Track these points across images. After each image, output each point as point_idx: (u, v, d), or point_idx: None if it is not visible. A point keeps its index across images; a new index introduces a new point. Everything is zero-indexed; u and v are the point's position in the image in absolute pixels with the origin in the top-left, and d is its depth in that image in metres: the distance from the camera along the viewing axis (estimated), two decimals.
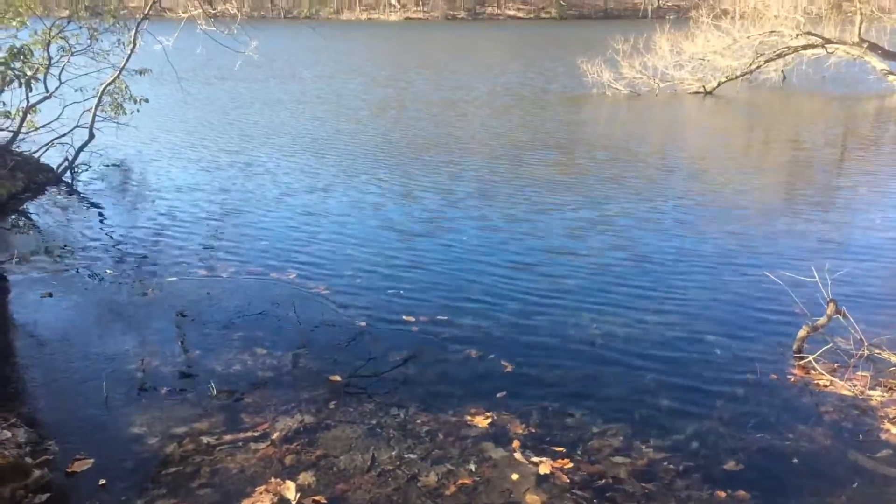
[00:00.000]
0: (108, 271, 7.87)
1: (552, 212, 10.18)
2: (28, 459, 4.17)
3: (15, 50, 10.06)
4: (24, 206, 10.78)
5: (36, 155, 12.33)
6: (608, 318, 6.52)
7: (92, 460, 4.22)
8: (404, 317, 6.58)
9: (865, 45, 23.76)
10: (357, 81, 27.87)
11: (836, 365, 5.47)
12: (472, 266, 8.02)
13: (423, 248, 8.67)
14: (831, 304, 5.63)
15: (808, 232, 9.22)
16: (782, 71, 26.58)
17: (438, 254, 8.44)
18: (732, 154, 14.84)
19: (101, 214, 10.41)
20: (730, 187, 11.76)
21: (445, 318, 6.55)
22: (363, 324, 6.43)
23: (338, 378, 5.36)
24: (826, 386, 5.21)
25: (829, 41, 24.05)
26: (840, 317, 5.65)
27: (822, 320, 5.67)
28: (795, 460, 4.27)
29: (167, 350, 5.88)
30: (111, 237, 9.23)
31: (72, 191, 11.78)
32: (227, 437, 4.50)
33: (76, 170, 12.50)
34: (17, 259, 8.11)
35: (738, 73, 24.71)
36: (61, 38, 12.34)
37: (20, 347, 6.12)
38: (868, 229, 9.40)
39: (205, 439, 4.46)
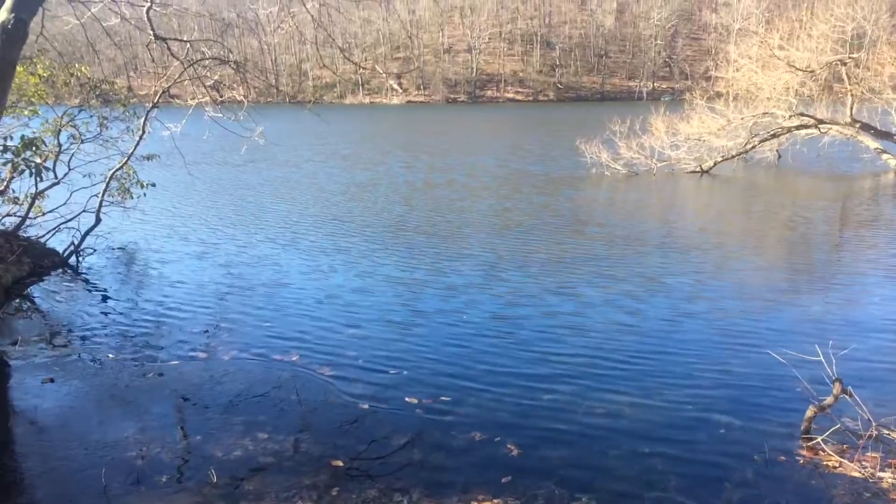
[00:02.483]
0: (110, 355, 7.86)
1: (555, 293, 10.21)
2: None
3: (27, 140, 10.32)
4: (29, 291, 10.83)
5: (43, 240, 12.47)
6: (614, 398, 6.47)
7: None
8: (407, 398, 6.53)
9: (858, 125, 24.27)
10: (357, 165, 28.35)
11: (845, 446, 5.39)
12: (474, 347, 8.00)
13: (426, 329, 8.67)
14: (837, 384, 5.60)
15: (810, 310, 9.22)
16: (777, 150, 27.10)
17: (441, 335, 8.43)
18: (732, 233, 14.97)
19: (105, 298, 10.45)
20: (731, 266, 11.82)
21: (449, 399, 6.50)
22: (366, 406, 6.38)
23: (340, 463, 5.29)
24: (836, 468, 5.13)
25: (821, 121, 24.59)
26: (847, 396, 5.60)
27: (828, 400, 5.62)
28: None
29: (167, 436, 5.82)
30: (114, 321, 9.24)
31: (77, 275, 11.86)
32: None
33: (82, 254, 12.63)
34: (19, 344, 8.11)
35: (734, 153, 25.18)
36: (72, 126, 12.68)
37: (20, 435, 6.06)
38: (869, 307, 9.40)
39: None
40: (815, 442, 5.43)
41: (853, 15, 28.84)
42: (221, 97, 12.80)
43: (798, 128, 24.84)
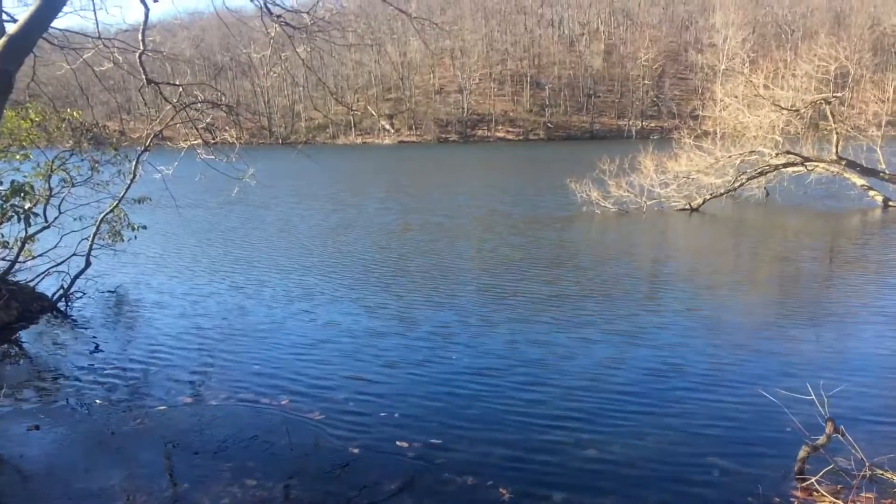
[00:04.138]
0: (97, 401, 7.77)
1: (546, 333, 10.18)
2: None
3: (16, 186, 10.33)
4: (17, 336, 10.74)
5: (32, 284, 12.41)
6: (605, 440, 6.42)
7: None
8: (398, 442, 6.47)
9: (844, 163, 24.56)
10: (346, 205, 28.45)
11: (839, 486, 5.35)
12: (466, 390, 7.93)
13: (416, 372, 8.61)
14: (829, 424, 5.58)
15: (801, 349, 9.22)
16: (765, 187, 27.38)
17: (432, 378, 8.38)
18: (722, 271, 15.02)
19: (93, 342, 10.36)
20: (721, 304, 11.84)
21: (440, 442, 6.44)
22: (356, 451, 6.31)
23: None
24: None
25: (808, 159, 24.89)
26: (839, 436, 5.58)
27: (821, 440, 5.60)
28: None
29: (154, 484, 5.73)
30: (102, 366, 9.15)
31: (66, 319, 11.77)
32: None
33: (71, 298, 12.55)
34: (5, 390, 8.01)
35: (722, 191, 25.41)
36: (63, 170, 12.71)
37: (3, 484, 5.95)
38: (860, 345, 9.41)
39: None
40: (809, 483, 5.39)
41: (836, 55, 29.34)
42: (214, 139, 12.89)
43: (785, 165, 25.12)
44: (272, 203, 28.90)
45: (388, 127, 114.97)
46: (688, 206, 24.90)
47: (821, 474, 5.39)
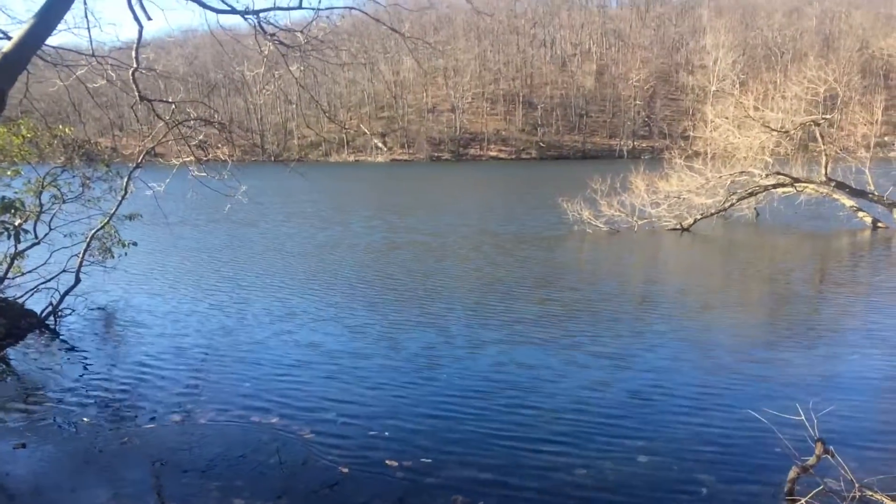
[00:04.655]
0: (85, 419, 7.71)
1: (534, 353, 10.17)
2: None
3: (6, 202, 10.28)
4: (5, 353, 10.64)
5: (21, 300, 12.32)
6: (595, 460, 6.41)
7: None
8: (388, 461, 6.44)
9: (833, 184, 24.72)
10: (337, 224, 28.44)
11: None
12: (455, 409, 7.92)
13: (407, 390, 8.58)
14: (819, 445, 5.59)
15: (790, 369, 9.23)
16: (755, 208, 27.54)
17: (421, 396, 8.36)
18: (712, 291, 15.07)
19: (81, 359, 10.29)
20: (712, 324, 11.88)
21: (429, 461, 6.42)
22: (345, 469, 6.28)
23: None
24: None
25: (797, 180, 25.05)
26: (829, 457, 5.58)
27: (811, 461, 5.60)
28: None
29: (142, 503, 5.67)
30: (91, 383, 9.09)
31: (54, 336, 11.69)
32: None
33: (60, 314, 12.47)
34: None
35: (713, 211, 25.54)
36: (54, 186, 12.66)
37: None
38: (849, 366, 9.43)
39: None
40: None
41: (825, 77, 29.66)
42: (206, 156, 12.88)
43: (775, 186, 25.28)
44: (262, 221, 28.87)
45: (380, 145, 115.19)
46: (679, 226, 25.01)
47: (810, 495, 5.39)
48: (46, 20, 6.48)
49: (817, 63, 32.61)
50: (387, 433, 7.15)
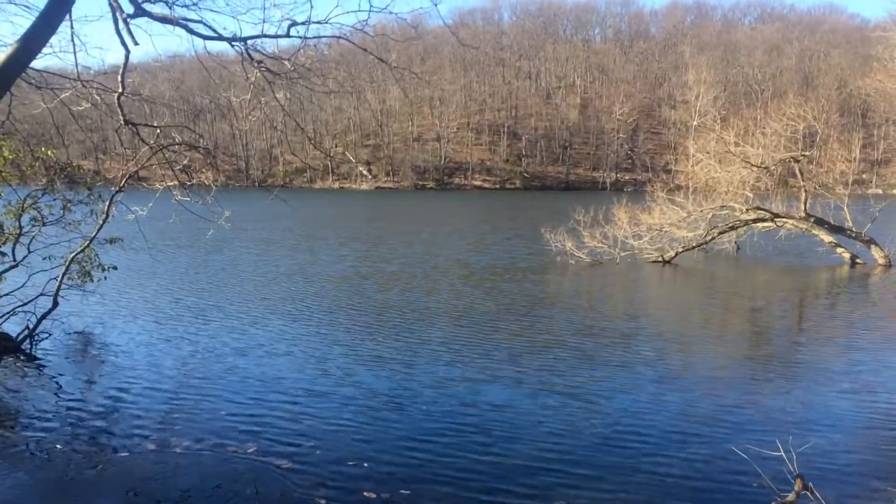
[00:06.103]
0: (57, 446, 7.56)
1: (516, 384, 10.14)
2: None
3: None
4: None
5: None
6: (575, 494, 6.37)
7: None
8: (366, 493, 6.36)
9: (812, 220, 25.04)
10: (321, 252, 28.36)
11: None
12: (435, 440, 7.85)
13: (386, 421, 8.51)
14: (798, 480, 5.59)
15: (770, 405, 9.25)
16: (736, 242, 27.84)
17: (401, 427, 8.28)
18: (693, 324, 15.14)
19: (56, 385, 10.12)
20: (691, 359, 11.91)
21: (409, 493, 6.35)
22: (323, 501, 6.20)
23: None
24: None
25: (777, 215, 25.36)
26: (808, 492, 5.58)
27: (790, 497, 5.59)
28: None
29: None
30: (65, 409, 8.93)
31: (30, 360, 11.48)
32: None
33: (36, 338, 12.24)
34: None
35: (694, 244, 25.78)
36: (34, 208, 12.54)
37: None
38: (829, 402, 9.47)
39: None
40: None
41: (804, 115, 30.15)
42: (190, 181, 12.81)
43: (755, 221, 25.58)
44: (242, 247, 28.73)
45: (365, 173, 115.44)
46: (660, 259, 25.18)
47: None
48: (29, 46, 6.47)
49: (797, 101, 33.10)
50: (365, 464, 7.07)
